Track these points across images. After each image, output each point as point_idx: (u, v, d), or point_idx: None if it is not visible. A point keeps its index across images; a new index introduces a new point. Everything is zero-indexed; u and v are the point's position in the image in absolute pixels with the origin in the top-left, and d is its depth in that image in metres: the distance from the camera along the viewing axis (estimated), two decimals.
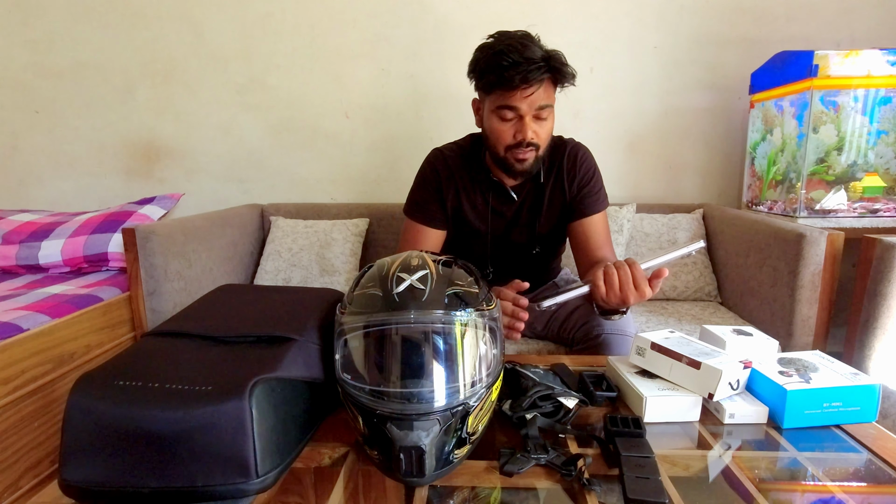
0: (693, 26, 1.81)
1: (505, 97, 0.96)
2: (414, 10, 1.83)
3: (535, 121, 0.98)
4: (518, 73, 0.92)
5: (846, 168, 1.48)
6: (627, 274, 0.83)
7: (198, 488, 0.50)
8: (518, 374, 0.72)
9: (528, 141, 0.98)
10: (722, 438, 0.65)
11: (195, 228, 1.50)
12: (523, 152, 1.00)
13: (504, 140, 1.00)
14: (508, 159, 1.02)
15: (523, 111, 0.97)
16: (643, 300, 0.85)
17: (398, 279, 0.59)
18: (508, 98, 0.96)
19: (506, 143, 1.00)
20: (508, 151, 1.01)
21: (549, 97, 0.98)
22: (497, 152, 1.03)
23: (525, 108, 0.96)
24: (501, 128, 0.99)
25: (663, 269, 0.84)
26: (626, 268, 0.84)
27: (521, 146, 0.99)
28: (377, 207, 1.86)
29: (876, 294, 1.16)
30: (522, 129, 0.98)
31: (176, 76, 1.90)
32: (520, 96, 0.95)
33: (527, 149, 0.99)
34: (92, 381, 0.53)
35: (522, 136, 0.98)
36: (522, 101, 0.95)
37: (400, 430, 0.52)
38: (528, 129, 0.97)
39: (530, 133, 0.98)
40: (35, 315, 1.20)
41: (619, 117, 1.88)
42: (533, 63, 0.92)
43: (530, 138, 0.98)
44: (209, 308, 0.71)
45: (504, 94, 0.96)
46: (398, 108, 1.91)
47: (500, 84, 0.95)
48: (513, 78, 0.92)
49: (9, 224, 1.68)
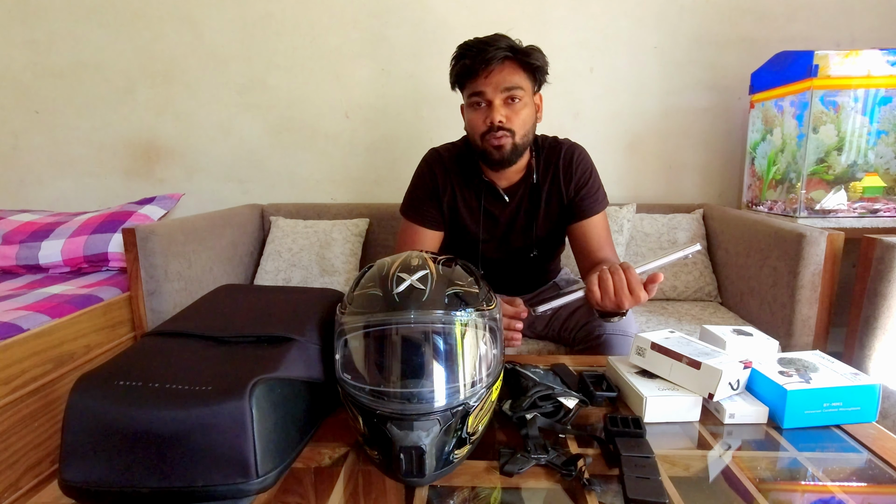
0: (693, 26, 1.81)
1: (472, 85, 1.01)
2: (414, 10, 1.83)
3: (506, 106, 1.00)
4: (478, 57, 0.97)
5: (846, 168, 1.48)
6: (622, 279, 0.83)
7: (198, 488, 0.50)
8: (518, 374, 0.72)
9: (500, 125, 1.00)
10: (722, 438, 0.65)
11: (195, 228, 1.50)
12: (497, 138, 1.01)
13: (478, 128, 1.03)
14: (486, 148, 1.03)
15: (489, 95, 1.00)
16: (639, 304, 0.84)
17: (398, 279, 0.59)
18: (475, 84, 1.00)
19: (480, 131, 1.02)
20: (484, 140, 1.03)
21: (517, 81, 1.00)
22: (476, 143, 1.05)
23: (490, 90, 0.99)
24: (474, 116, 1.03)
25: (658, 273, 0.83)
26: (620, 272, 0.83)
27: (492, 130, 1.00)
28: (377, 207, 1.86)
29: (876, 294, 1.16)
30: (491, 114, 1.00)
31: (176, 76, 1.90)
32: (483, 80, 0.99)
33: (499, 134, 1.00)
34: (92, 381, 0.53)
35: (491, 120, 1.00)
36: (486, 84, 0.99)
37: (400, 430, 0.52)
38: (496, 112, 0.99)
39: (499, 116, 0.99)
40: (35, 315, 1.20)
41: (619, 117, 1.88)
42: (491, 46, 0.97)
43: (499, 122, 0.99)
44: (209, 308, 0.71)
45: (471, 83, 1.01)
46: (398, 108, 1.91)
47: (466, 72, 1.00)
48: (473, 62, 0.98)
49: (9, 224, 1.68)
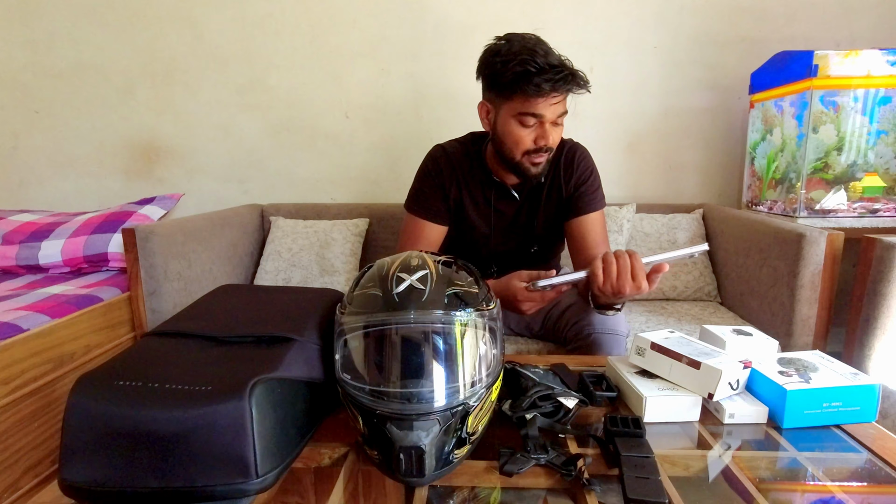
0: (693, 26, 1.81)
1: (529, 104, 0.94)
2: (414, 10, 1.83)
3: (553, 126, 0.98)
4: (547, 80, 0.90)
5: (846, 168, 1.48)
6: (627, 263, 0.83)
7: (198, 488, 0.50)
8: (518, 374, 0.72)
9: (549, 147, 0.99)
10: (722, 438, 0.65)
11: (195, 228, 1.50)
12: (540, 157, 1.00)
13: (524, 146, 0.99)
14: (524, 164, 1.01)
15: (547, 118, 0.96)
16: (639, 293, 0.84)
17: (398, 279, 0.59)
18: (533, 105, 0.94)
19: (525, 149, 0.99)
20: (525, 156, 1.00)
21: (566, 105, 0.99)
22: (513, 157, 1.01)
23: (549, 115, 0.96)
24: (521, 133, 0.98)
25: (663, 264, 0.83)
26: (626, 257, 0.83)
27: (540, 151, 0.99)
28: (377, 207, 1.85)
29: (876, 294, 1.16)
30: (545, 136, 0.97)
31: (176, 76, 1.90)
32: (545, 104, 0.94)
33: (545, 155, 1.00)
34: (92, 381, 0.53)
35: (545, 143, 0.97)
36: (548, 108, 0.95)
37: (400, 430, 0.52)
38: (550, 136, 0.97)
39: (553, 140, 0.98)
40: (35, 315, 1.20)
41: (619, 117, 1.88)
42: (560, 72, 0.91)
43: (551, 144, 0.99)
44: (209, 308, 0.71)
45: (528, 101, 0.94)
46: (398, 108, 1.91)
47: (527, 91, 0.92)
48: (540, 85, 0.91)
49: (9, 224, 1.68)
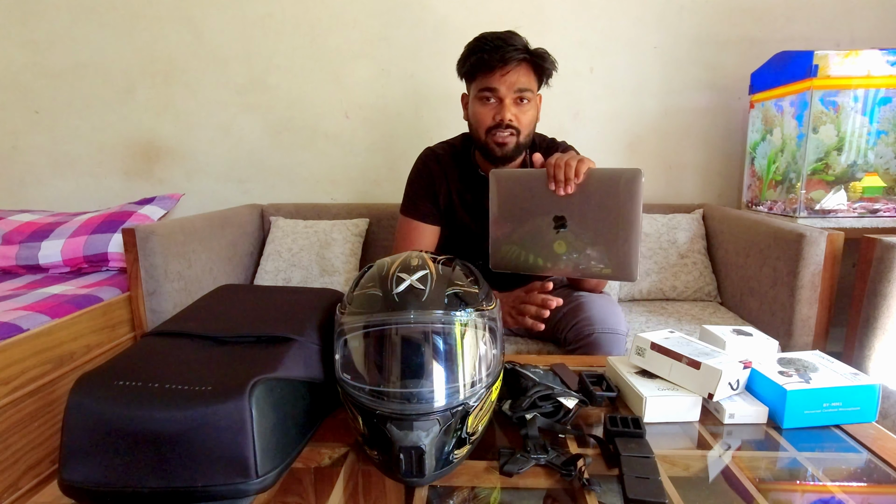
0: (693, 26, 1.81)
1: (485, 80, 1.02)
2: (414, 10, 1.82)
3: (515, 105, 1.03)
4: (497, 54, 0.99)
5: (846, 168, 1.48)
6: (573, 164, 0.83)
7: (198, 488, 0.50)
8: (518, 374, 0.72)
9: (508, 123, 1.02)
10: (722, 438, 0.65)
11: (195, 228, 1.50)
12: (503, 136, 1.04)
13: (485, 122, 1.05)
14: (489, 143, 1.06)
15: (502, 93, 1.02)
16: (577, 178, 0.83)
17: (398, 279, 0.59)
18: (488, 80, 1.02)
19: (486, 126, 1.05)
20: (489, 135, 1.05)
21: (528, 83, 1.03)
22: (479, 137, 1.07)
23: (504, 89, 1.01)
24: (482, 111, 1.04)
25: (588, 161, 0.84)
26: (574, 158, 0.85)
27: (500, 127, 1.03)
28: (377, 207, 1.85)
29: (876, 294, 1.16)
30: (501, 111, 1.02)
31: (176, 76, 1.90)
32: (499, 77, 1.01)
33: (506, 132, 1.04)
34: (92, 381, 0.53)
35: (501, 118, 1.02)
36: (501, 82, 1.01)
37: (400, 430, 0.52)
38: (507, 110, 1.02)
39: (509, 115, 1.02)
40: (35, 315, 1.20)
41: (619, 117, 1.88)
42: (511, 46, 0.99)
43: (509, 120, 1.02)
44: (209, 308, 0.71)
45: (484, 77, 1.02)
46: (398, 108, 1.91)
47: (480, 66, 1.01)
48: (492, 59, 0.99)
49: (9, 224, 1.68)
